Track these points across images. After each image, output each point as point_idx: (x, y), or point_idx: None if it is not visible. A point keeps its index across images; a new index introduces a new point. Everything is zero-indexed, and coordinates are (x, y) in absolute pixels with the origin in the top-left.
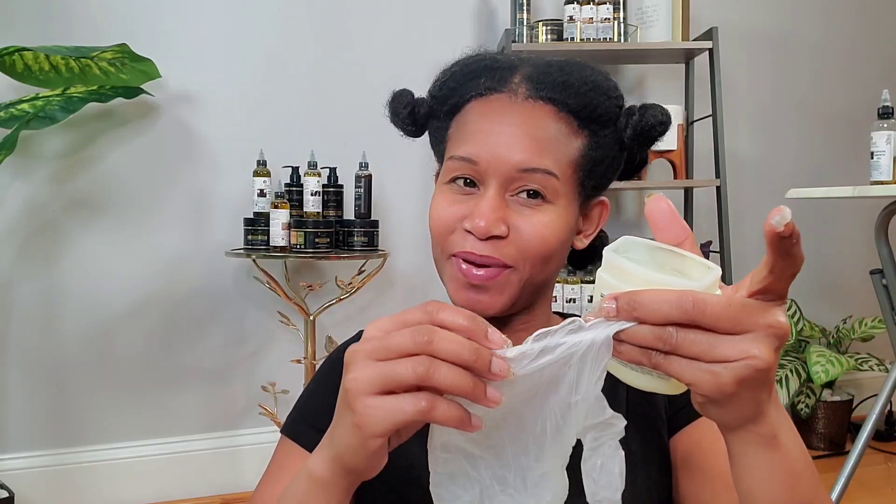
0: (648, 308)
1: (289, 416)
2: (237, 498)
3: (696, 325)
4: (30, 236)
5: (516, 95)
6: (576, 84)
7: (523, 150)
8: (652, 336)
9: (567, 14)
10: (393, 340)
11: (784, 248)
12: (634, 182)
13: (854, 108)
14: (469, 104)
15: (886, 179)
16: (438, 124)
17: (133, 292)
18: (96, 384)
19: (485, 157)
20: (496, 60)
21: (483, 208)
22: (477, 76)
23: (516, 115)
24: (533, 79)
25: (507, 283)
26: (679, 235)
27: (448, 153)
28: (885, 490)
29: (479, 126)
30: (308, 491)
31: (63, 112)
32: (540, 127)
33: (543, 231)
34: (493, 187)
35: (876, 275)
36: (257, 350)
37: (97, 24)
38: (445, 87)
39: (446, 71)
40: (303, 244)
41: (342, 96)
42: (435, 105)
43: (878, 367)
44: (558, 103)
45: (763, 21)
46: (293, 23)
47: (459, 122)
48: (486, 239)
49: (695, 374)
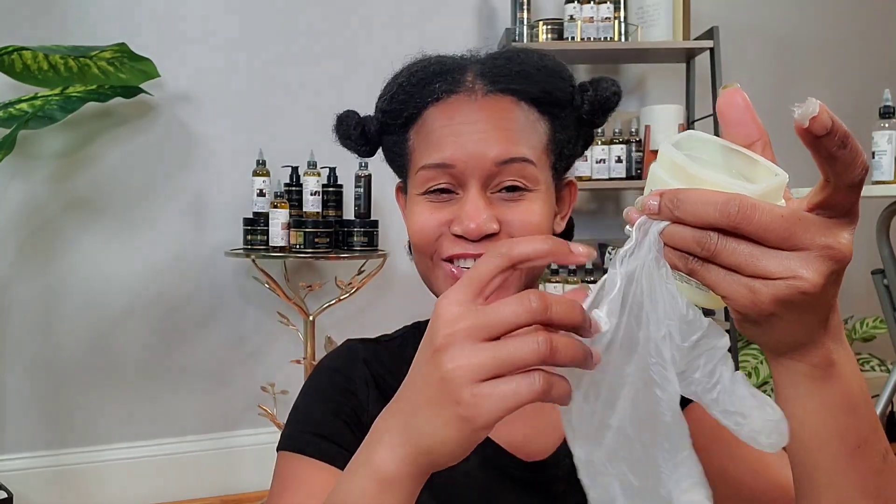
0: (690, 208)
1: (285, 433)
2: (236, 498)
3: (741, 233)
4: (29, 236)
5: (475, 93)
6: (530, 72)
7: (497, 143)
8: (691, 238)
9: (567, 13)
10: (499, 313)
11: (825, 150)
12: (635, 182)
13: (855, 107)
14: (426, 111)
15: (887, 179)
16: (394, 138)
17: (132, 292)
18: (96, 384)
19: (461, 159)
20: (443, 64)
21: (470, 210)
22: (429, 82)
23: (480, 112)
24: (486, 74)
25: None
26: (751, 135)
27: (416, 164)
28: None
29: (445, 130)
30: (377, 492)
31: (62, 112)
32: (506, 118)
33: (533, 219)
34: (474, 187)
35: (877, 275)
36: (257, 350)
37: (96, 24)
38: (395, 101)
39: (392, 83)
40: (302, 244)
41: (342, 96)
42: (387, 119)
43: (879, 368)
44: (517, 93)
45: (764, 20)
46: (293, 22)
47: (420, 131)
48: (479, 240)
49: (731, 286)
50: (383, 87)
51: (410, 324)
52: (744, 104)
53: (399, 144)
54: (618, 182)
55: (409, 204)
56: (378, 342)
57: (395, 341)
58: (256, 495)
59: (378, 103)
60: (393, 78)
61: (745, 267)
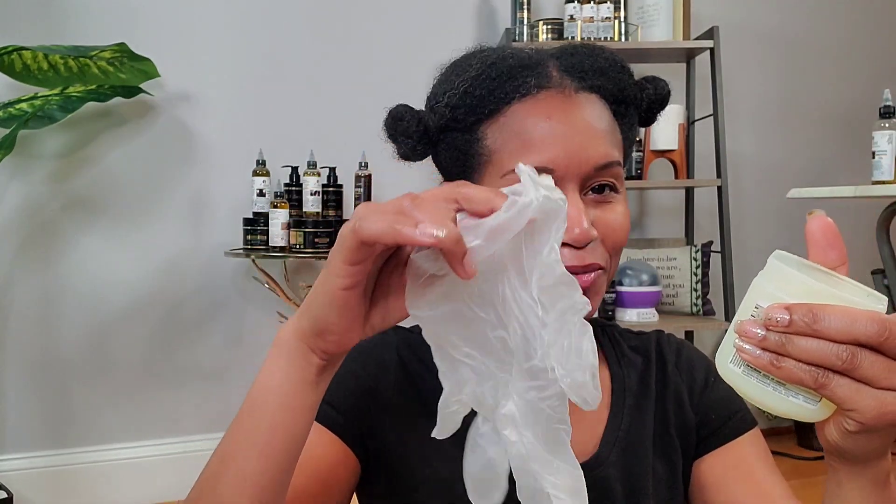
0: (836, 323)
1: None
2: None
3: (881, 349)
4: (29, 236)
5: (567, 89)
6: (609, 69)
7: (597, 145)
8: (831, 352)
9: (567, 13)
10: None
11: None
12: (635, 182)
13: (855, 107)
14: (511, 107)
15: (888, 179)
16: (464, 136)
17: (132, 292)
18: (95, 384)
19: (562, 162)
20: (521, 57)
21: (574, 216)
22: (513, 76)
23: (576, 111)
24: (571, 69)
25: (601, 284)
26: (837, 259)
27: (501, 165)
28: None
29: (542, 130)
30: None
31: (62, 111)
32: (599, 118)
33: (624, 222)
34: (573, 191)
35: (877, 275)
36: (257, 350)
37: (96, 24)
38: (471, 95)
39: (460, 76)
40: (302, 244)
41: (342, 96)
42: (458, 115)
43: None
44: (600, 90)
45: (764, 20)
46: (293, 22)
47: (504, 129)
48: (583, 246)
49: (863, 398)
50: (442, 81)
51: None
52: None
53: (470, 143)
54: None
55: None
56: (410, 331)
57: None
58: None
59: (443, 98)
60: (459, 71)
61: (879, 380)
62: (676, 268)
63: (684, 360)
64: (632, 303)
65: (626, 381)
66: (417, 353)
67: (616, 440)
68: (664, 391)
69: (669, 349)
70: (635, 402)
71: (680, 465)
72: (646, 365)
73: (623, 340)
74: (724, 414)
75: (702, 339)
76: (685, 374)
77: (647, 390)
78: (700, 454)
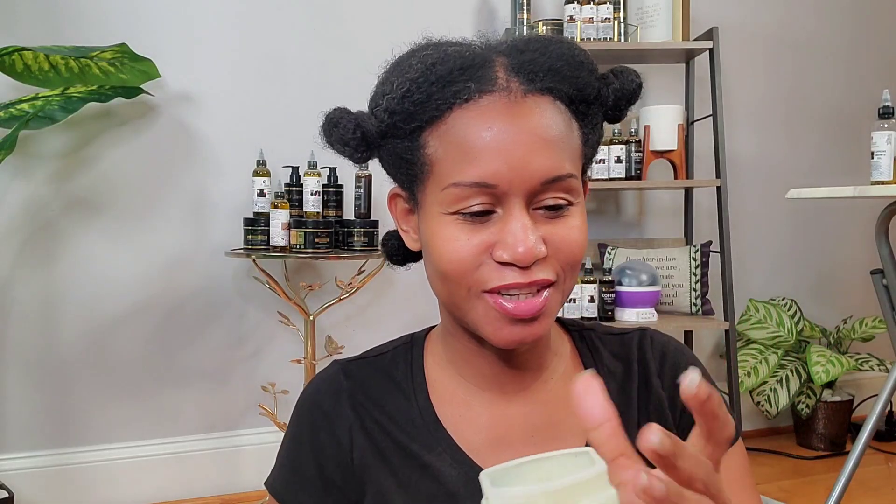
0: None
1: (273, 469)
2: (237, 498)
3: None
4: (29, 236)
5: (512, 93)
6: (564, 66)
7: (545, 158)
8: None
9: (567, 14)
10: None
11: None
12: (634, 182)
13: (854, 107)
14: (452, 114)
15: (887, 179)
16: (404, 143)
17: (133, 292)
18: (96, 384)
19: (505, 177)
20: (464, 56)
21: (518, 233)
22: (453, 79)
23: (522, 118)
24: (520, 70)
25: (553, 304)
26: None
27: (442, 178)
28: (885, 490)
29: (483, 140)
30: None
31: (62, 112)
32: (549, 125)
33: (578, 236)
34: (518, 206)
35: (876, 275)
36: (257, 350)
37: (97, 24)
38: (410, 100)
39: (401, 78)
40: (302, 244)
41: (342, 96)
42: (397, 122)
43: (878, 368)
44: (553, 92)
45: (763, 21)
46: (293, 23)
47: (445, 138)
48: (529, 266)
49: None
50: (383, 82)
51: (406, 336)
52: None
53: (411, 151)
54: (617, 182)
55: (432, 223)
56: (367, 359)
57: (386, 357)
58: (257, 495)
59: (382, 102)
60: (399, 72)
61: None
62: (676, 268)
63: (668, 366)
64: (631, 303)
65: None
66: (374, 395)
67: None
68: (647, 400)
69: (653, 352)
70: None
71: None
72: (626, 373)
73: (603, 346)
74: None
75: (700, 339)
76: (668, 380)
77: (628, 401)
78: None
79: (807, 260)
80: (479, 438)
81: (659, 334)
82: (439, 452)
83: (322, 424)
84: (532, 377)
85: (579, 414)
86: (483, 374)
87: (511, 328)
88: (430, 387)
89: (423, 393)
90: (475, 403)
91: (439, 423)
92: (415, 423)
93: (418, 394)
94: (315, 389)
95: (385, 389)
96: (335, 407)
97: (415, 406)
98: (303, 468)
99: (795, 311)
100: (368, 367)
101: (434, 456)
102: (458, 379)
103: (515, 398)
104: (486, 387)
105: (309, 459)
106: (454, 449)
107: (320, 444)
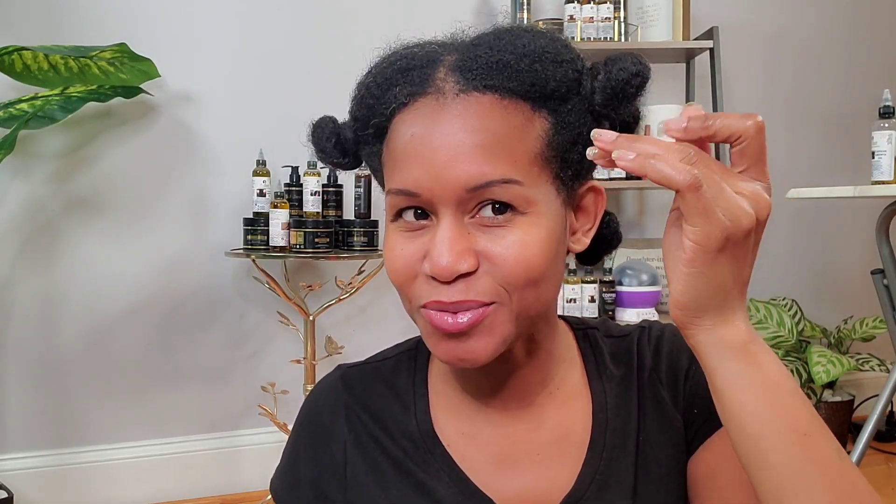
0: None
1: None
2: (237, 498)
3: None
4: (29, 236)
5: (444, 94)
6: (512, 60)
7: (468, 163)
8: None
9: (567, 13)
10: None
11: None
12: (634, 182)
13: (855, 107)
14: (393, 120)
15: (887, 179)
16: (370, 150)
17: (133, 292)
18: (96, 384)
19: (425, 185)
20: (412, 57)
21: (439, 244)
22: (394, 83)
23: (450, 121)
24: (461, 67)
25: (494, 321)
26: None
27: (386, 186)
28: (886, 490)
29: (408, 146)
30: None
31: (62, 112)
32: (483, 127)
33: (522, 252)
34: (447, 215)
35: (877, 275)
36: (257, 350)
37: (96, 24)
38: (364, 106)
39: (361, 85)
40: (302, 244)
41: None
42: (359, 129)
43: (879, 368)
44: (499, 89)
45: (764, 20)
46: (293, 23)
47: (388, 145)
48: (454, 280)
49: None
50: (354, 87)
51: (412, 341)
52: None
53: (374, 158)
54: (618, 182)
55: (386, 233)
56: (370, 365)
57: (389, 363)
58: (257, 495)
59: (349, 108)
60: (363, 77)
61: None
62: None
63: (664, 359)
64: (631, 303)
65: (606, 400)
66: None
67: (596, 473)
68: (648, 401)
69: (648, 349)
70: (617, 424)
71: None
72: (626, 376)
73: (605, 347)
74: (705, 407)
75: None
76: (665, 374)
77: (628, 404)
78: (691, 452)
79: (807, 260)
80: (480, 457)
81: (657, 325)
82: (436, 470)
83: (319, 437)
84: (536, 391)
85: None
86: (482, 389)
87: (446, 344)
88: (432, 399)
89: (423, 405)
90: (479, 419)
91: (437, 438)
92: (412, 437)
93: (418, 406)
94: (314, 400)
95: (384, 400)
96: (332, 420)
97: (413, 419)
98: (301, 477)
99: (796, 311)
100: (370, 374)
101: (429, 474)
102: (461, 393)
103: (520, 414)
104: (487, 402)
105: (307, 470)
106: (451, 467)
107: (317, 456)
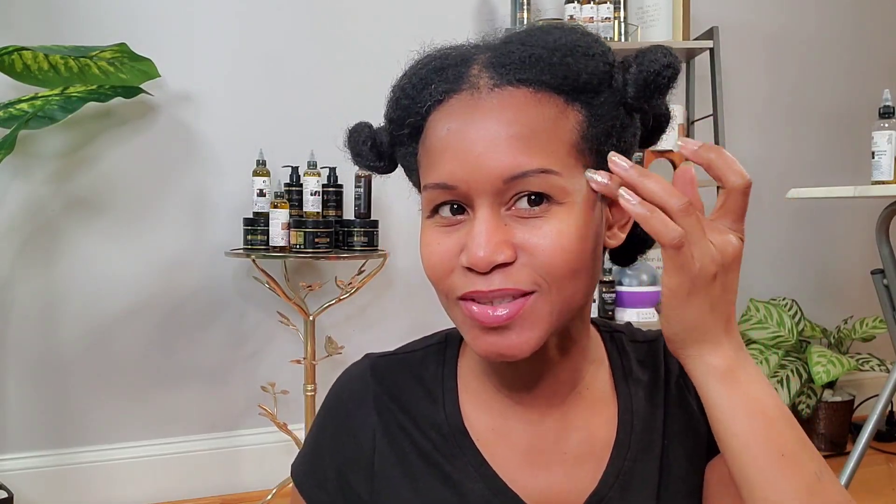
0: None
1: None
2: (237, 498)
3: None
4: (29, 236)
5: (478, 89)
6: (544, 54)
7: (505, 154)
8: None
9: (567, 13)
10: None
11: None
12: None
13: (855, 107)
14: (429, 119)
15: (887, 179)
16: (405, 151)
17: (132, 292)
18: (96, 384)
19: (461, 178)
20: (446, 57)
21: (477, 236)
22: (428, 82)
23: (485, 114)
24: (494, 63)
25: (533, 312)
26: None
27: (423, 182)
28: (886, 491)
29: (445, 141)
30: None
31: (62, 112)
32: (517, 120)
33: (560, 241)
34: (483, 207)
35: (877, 275)
36: (257, 350)
37: (96, 24)
38: (399, 107)
39: (396, 87)
40: (302, 244)
41: (342, 96)
42: (395, 130)
43: (879, 368)
44: (532, 83)
45: (764, 20)
46: (293, 23)
47: (425, 142)
48: (491, 271)
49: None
50: (389, 91)
51: (441, 333)
52: (689, 180)
53: (409, 158)
54: None
55: (422, 230)
56: (398, 356)
57: (417, 355)
58: (257, 495)
59: (385, 112)
60: (398, 81)
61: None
62: None
63: None
64: (631, 303)
65: (633, 403)
66: (395, 393)
67: (620, 474)
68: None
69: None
70: (643, 427)
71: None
72: (653, 382)
73: (631, 351)
74: None
75: None
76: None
77: (654, 410)
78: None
79: (807, 260)
80: (508, 453)
81: None
82: (464, 464)
83: (346, 426)
84: (565, 390)
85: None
86: (514, 385)
87: (486, 338)
88: (461, 393)
89: (452, 399)
90: (509, 415)
91: (466, 432)
92: (440, 430)
93: (447, 399)
94: (343, 387)
95: (412, 392)
96: (361, 409)
97: (441, 412)
98: (324, 465)
99: (796, 311)
100: (398, 365)
101: (457, 467)
102: (492, 388)
103: (549, 412)
104: (518, 398)
105: (330, 458)
106: (479, 462)
107: (342, 445)
